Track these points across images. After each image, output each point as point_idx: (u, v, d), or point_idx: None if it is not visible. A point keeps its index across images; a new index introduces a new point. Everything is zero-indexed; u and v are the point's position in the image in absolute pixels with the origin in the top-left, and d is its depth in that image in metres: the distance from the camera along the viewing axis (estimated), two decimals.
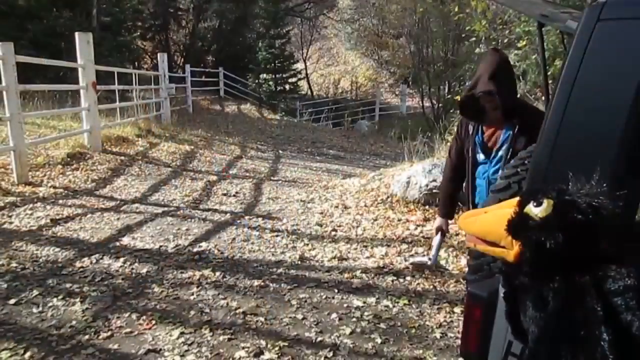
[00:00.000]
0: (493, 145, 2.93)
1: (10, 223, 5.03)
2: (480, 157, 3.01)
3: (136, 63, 20.57)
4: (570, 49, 1.45)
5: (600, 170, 1.13)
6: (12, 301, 3.54)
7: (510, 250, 1.10)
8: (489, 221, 1.17)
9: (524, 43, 7.42)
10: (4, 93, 6.29)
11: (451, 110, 16.07)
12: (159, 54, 14.61)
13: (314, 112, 21.41)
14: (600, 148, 1.37)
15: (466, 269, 4.27)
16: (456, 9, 10.07)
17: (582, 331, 0.94)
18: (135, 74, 12.30)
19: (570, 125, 1.41)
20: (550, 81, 4.03)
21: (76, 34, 8.45)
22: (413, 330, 3.47)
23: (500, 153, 2.87)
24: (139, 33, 21.90)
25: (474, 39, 10.41)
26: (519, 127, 2.73)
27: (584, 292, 0.96)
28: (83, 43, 8.25)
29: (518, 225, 1.08)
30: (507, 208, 1.13)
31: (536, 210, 1.04)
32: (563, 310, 1.00)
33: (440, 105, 18.53)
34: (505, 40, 9.02)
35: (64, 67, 12.19)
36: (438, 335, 3.42)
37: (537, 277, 1.07)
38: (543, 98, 7.78)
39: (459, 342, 3.33)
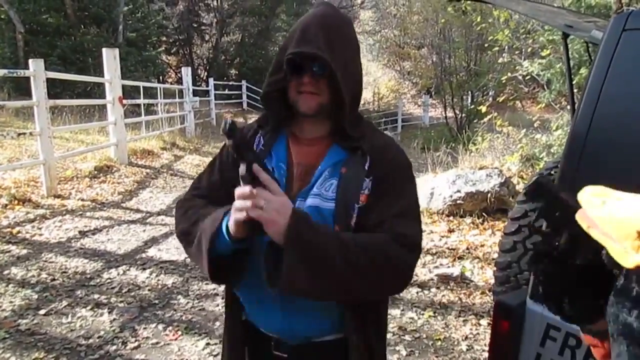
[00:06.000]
0: (303, 178, 1.33)
1: (40, 235, 5.14)
2: None
3: (161, 77, 20.96)
4: (596, 59, 1.44)
5: (630, 179, 1.12)
6: (42, 311, 3.61)
7: (631, 255, 0.98)
8: (619, 213, 1.03)
9: (548, 52, 7.35)
10: (35, 108, 6.46)
11: (475, 120, 15.95)
12: (183, 68, 14.86)
13: None
14: (628, 156, 1.36)
15: (492, 281, 4.23)
16: (478, 19, 10.03)
17: None
18: (160, 88, 12.53)
19: (597, 134, 1.40)
20: (575, 90, 3.99)
21: (103, 49, 8.66)
22: (439, 343, 3.43)
23: (314, 193, 1.29)
24: (163, 48, 22.36)
25: (496, 48, 10.35)
26: (371, 159, 1.29)
27: None
28: (110, 58, 8.44)
29: None
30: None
31: None
32: None
33: (463, 115, 18.39)
34: (529, 49, 8.95)
35: (91, 82, 12.51)
36: (464, 348, 3.38)
37: None
38: (569, 107, 7.69)
39: (485, 355, 3.29)
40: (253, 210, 1.07)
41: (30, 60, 6.55)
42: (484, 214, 5.86)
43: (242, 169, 1.08)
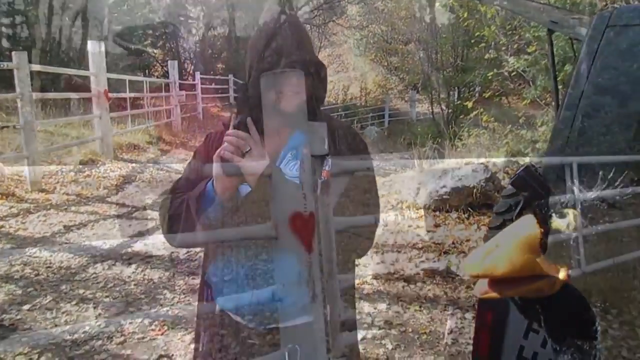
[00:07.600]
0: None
1: (25, 229, 5.09)
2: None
3: (147, 71, 20.76)
4: (579, 54, 1.46)
5: (614, 171, 1.14)
6: (27, 307, 3.58)
7: (557, 277, 0.92)
8: (517, 256, 0.92)
9: (534, 48, 7.41)
10: (18, 101, 6.38)
11: (461, 116, 16.02)
12: (169, 62, 14.76)
13: None
14: (610, 148, 1.38)
15: None
16: (465, 15, 10.08)
17: None
18: (146, 82, 12.40)
19: (580, 128, 1.42)
20: (560, 86, 4.03)
21: (88, 42, 8.56)
22: (424, 336, 3.46)
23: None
24: (149, 41, 22.13)
25: (483, 44, 10.41)
26: (329, 140, 1.35)
27: None
28: (95, 52, 8.35)
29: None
30: (525, 232, 0.92)
31: (564, 222, 0.91)
32: None
33: (450, 111, 18.47)
34: (515, 46, 9.01)
35: (76, 75, 12.35)
36: (449, 341, 3.41)
37: None
38: (553, 103, 7.76)
39: (470, 348, 3.32)
40: (237, 151, 1.21)
41: (13, 53, 6.47)
42: (469, 208, 5.90)
43: (238, 119, 1.24)
